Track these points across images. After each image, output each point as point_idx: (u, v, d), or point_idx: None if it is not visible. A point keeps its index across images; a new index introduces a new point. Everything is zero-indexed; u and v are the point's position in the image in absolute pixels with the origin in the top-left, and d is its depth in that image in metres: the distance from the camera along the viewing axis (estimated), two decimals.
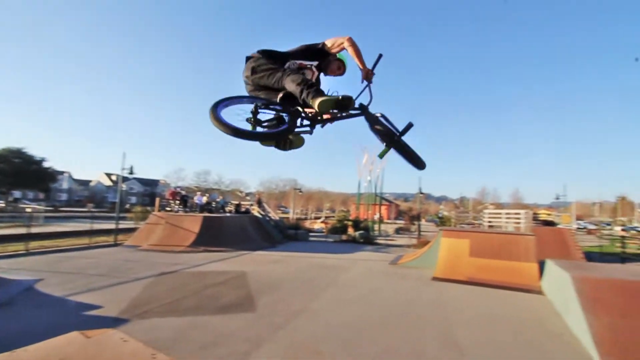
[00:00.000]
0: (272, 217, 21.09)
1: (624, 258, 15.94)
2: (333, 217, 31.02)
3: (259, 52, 2.59)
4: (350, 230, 23.04)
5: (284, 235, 19.87)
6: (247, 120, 2.41)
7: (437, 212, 58.67)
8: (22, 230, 15.84)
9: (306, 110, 2.57)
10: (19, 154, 44.37)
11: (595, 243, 21.76)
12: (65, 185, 72.11)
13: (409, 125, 2.64)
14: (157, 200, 18.18)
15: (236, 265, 11.33)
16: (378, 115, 2.66)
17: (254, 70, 2.51)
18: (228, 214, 18.10)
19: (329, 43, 2.62)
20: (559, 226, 21.13)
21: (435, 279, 10.13)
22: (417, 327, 6.01)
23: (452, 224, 28.75)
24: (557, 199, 32.61)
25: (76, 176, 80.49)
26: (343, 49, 2.60)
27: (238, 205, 20.45)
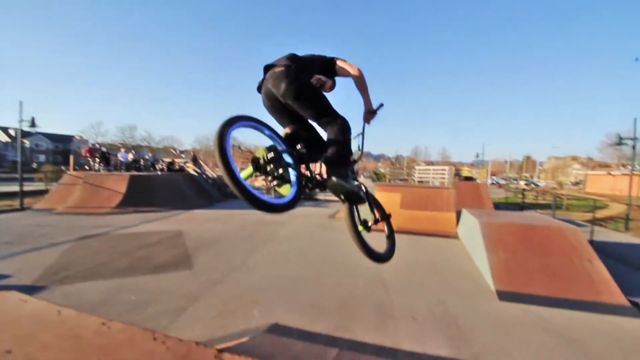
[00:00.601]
0: (210, 175, 20.18)
1: (522, 207, 19.10)
2: None
3: (296, 66, 1.97)
4: None
5: (223, 193, 19.30)
6: (255, 161, 1.73)
7: (374, 169, 62.11)
8: None
9: (313, 169, 2.08)
10: None
11: (503, 195, 25.48)
12: None
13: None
14: (71, 158, 15.97)
15: (171, 224, 10.82)
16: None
17: (296, 95, 1.88)
18: (159, 173, 16.77)
19: (340, 64, 2.20)
20: (476, 181, 24.09)
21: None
22: (351, 274, 6.55)
23: (387, 180, 30.79)
24: (477, 157, 36.74)
25: None
26: (348, 76, 2.24)
27: (171, 163, 18.95)
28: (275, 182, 1.83)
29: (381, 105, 2.34)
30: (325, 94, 2.17)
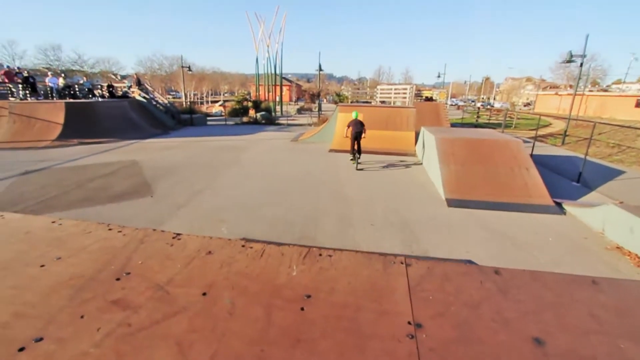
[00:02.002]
0: (160, 102, 18.56)
1: (476, 126, 20.20)
2: (233, 100, 29.11)
3: (361, 124, 9.10)
4: (252, 112, 22.38)
5: (178, 120, 18.12)
6: None
7: (338, 91, 60.69)
8: None
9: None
10: None
11: (460, 116, 26.57)
12: None
13: None
14: None
15: (124, 155, 10.21)
16: None
17: (361, 130, 9.00)
18: (100, 99, 15.04)
19: (366, 131, 9.18)
20: (436, 102, 24.62)
21: (331, 150, 11.20)
22: (315, 191, 6.84)
23: (349, 101, 30.46)
24: (439, 77, 36.79)
25: None
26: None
27: (110, 87, 16.88)
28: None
29: None
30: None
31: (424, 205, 6.22)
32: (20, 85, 13.42)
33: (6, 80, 13.83)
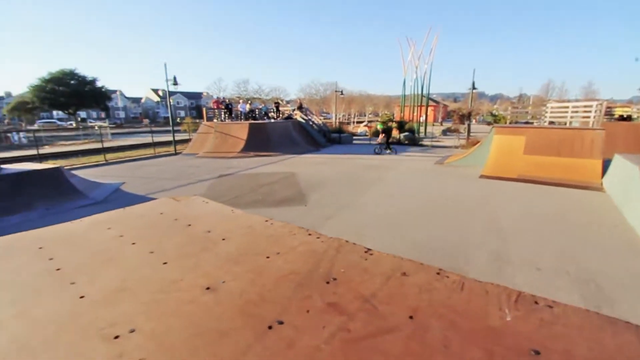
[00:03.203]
0: (315, 122, 21.11)
1: None
2: (377, 120, 30.15)
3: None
4: (395, 133, 22.54)
5: (328, 139, 20.11)
6: None
7: (490, 111, 54.12)
8: (97, 145, 18.07)
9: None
10: (72, 75, 46.73)
11: None
12: (119, 103, 76.74)
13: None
14: (204, 110, 18.85)
15: (285, 167, 12.02)
16: None
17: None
18: (272, 120, 18.43)
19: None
20: (638, 122, 18.56)
21: (483, 176, 9.96)
22: (461, 218, 6.20)
23: (506, 122, 26.59)
24: None
25: (127, 94, 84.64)
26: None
27: (277, 109, 20.56)
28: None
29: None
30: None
31: (618, 254, 4.67)
32: (222, 111, 17.92)
33: (215, 107, 18.74)
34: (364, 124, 37.74)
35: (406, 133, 21.56)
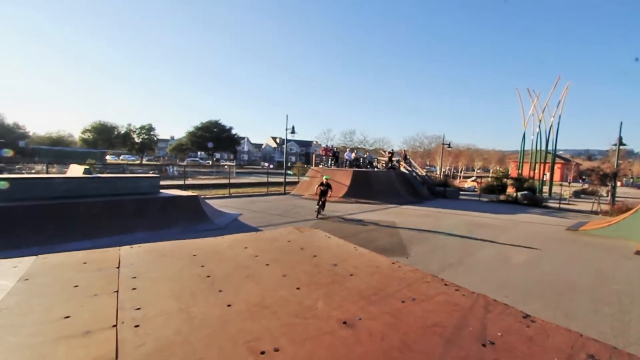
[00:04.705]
0: (419, 173, 20.43)
1: None
2: (488, 176, 27.30)
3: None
4: (510, 190, 19.85)
5: (432, 192, 19.03)
6: None
7: None
8: (224, 181, 21.57)
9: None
10: (216, 124, 58.56)
11: None
12: (245, 148, 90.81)
13: None
14: (313, 156, 20.54)
15: (386, 215, 11.74)
16: None
17: None
18: (375, 169, 18.67)
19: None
20: None
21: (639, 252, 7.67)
22: (609, 309, 4.76)
23: None
24: None
25: (252, 141, 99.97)
26: None
27: (391, 154, 20.92)
28: None
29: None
30: None
31: None
32: (329, 158, 19.17)
33: (323, 154, 20.24)
34: (472, 179, 34.71)
35: (525, 192, 18.75)
